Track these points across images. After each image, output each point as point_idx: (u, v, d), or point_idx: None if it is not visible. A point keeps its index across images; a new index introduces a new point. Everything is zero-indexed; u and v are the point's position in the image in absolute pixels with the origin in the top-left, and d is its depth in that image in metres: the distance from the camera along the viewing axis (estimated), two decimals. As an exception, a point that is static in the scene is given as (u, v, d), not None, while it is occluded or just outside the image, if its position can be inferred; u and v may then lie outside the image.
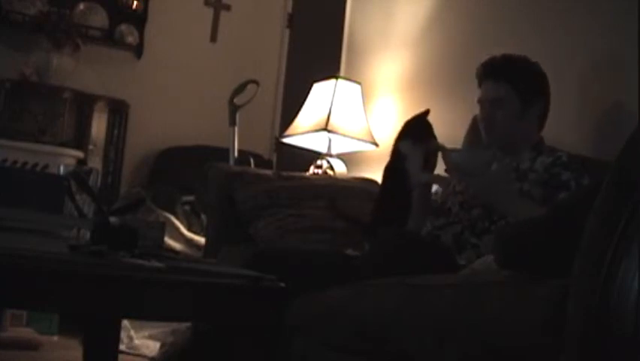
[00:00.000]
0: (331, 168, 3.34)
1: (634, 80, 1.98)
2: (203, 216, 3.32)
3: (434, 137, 2.14)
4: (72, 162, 3.80)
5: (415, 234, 2.06)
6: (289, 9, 4.87)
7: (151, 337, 2.99)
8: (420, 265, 1.75)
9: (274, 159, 4.65)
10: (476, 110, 2.37)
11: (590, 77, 2.46)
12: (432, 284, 1.54)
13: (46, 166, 2.45)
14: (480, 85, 2.17)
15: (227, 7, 4.79)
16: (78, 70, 4.14)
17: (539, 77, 2.13)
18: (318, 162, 3.38)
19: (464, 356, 1.32)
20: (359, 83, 3.45)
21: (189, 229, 3.43)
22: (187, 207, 3.53)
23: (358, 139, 3.32)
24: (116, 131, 4.22)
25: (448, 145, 2.04)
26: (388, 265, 1.77)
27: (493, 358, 1.27)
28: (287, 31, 4.87)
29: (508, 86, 2.08)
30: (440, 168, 2.07)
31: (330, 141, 3.41)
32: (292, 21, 4.86)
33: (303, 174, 3.19)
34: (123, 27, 4.45)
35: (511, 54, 2.14)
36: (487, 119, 2.12)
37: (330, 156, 3.40)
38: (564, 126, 2.41)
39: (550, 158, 2.02)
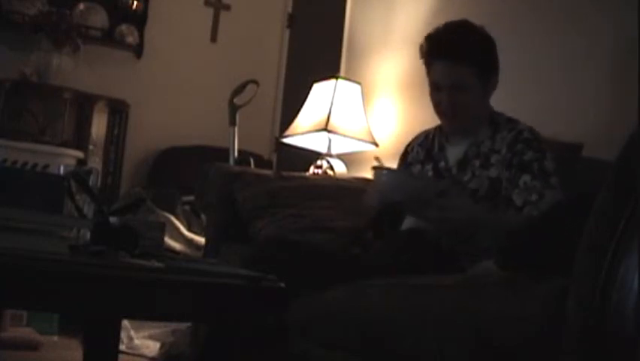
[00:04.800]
0: (331, 168, 3.34)
1: (634, 80, 1.99)
2: (203, 216, 3.32)
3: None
4: (72, 162, 3.79)
5: (419, 234, 2.04)
6: (289, 9, 4.87)
7: (151, 337, 2.99)
8: (424, 266, 1.75)
9: (274, 159, 4.65)
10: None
11: (591, 77, 2.46)
12: (432, 284, 1.54)
13: (46, 166, 2.45)
14: (429, 64, 2.00)
15: (227, 7, 4.79)
16: (78, 70, 4.13)
17: (493, 49, 1.99)
18: (318, 162, 3.38)
19: (464, 355, 1.32)
20: (359, 83, 3.45)
21: (189, 229, 3.43)
22: (187, 207, 3.53)
23: (358, 139, 3.32)
24: (116, 131, 4.22)
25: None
26: (393, 265, 1.77)
27: (493, 358, 1.27)
28: (287, 31, 4.87)
29: (469, 68, 1.93)
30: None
31: (330, 141, 3.41)
32: (292, 21, 4.85)
33: (303, 174, 3.19)
34: (123, 27, 4.45)
35: (456, 24, 1.99)
36: (449, 105, 1.98)
37: (330, 156, 3.40)
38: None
39: (512, 133, 1.94)
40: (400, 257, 1.86)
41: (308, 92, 3.49)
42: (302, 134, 3.41)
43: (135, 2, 4.48)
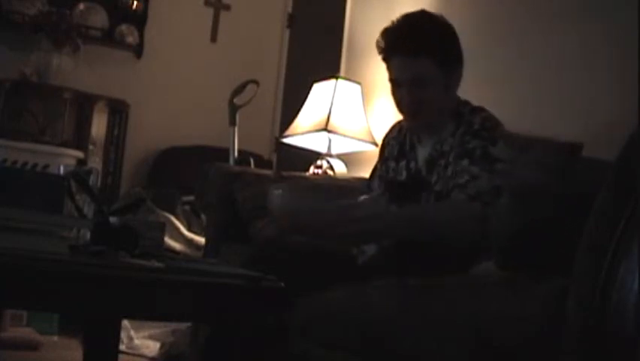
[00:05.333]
0: (331, 168, 3.34)
1: (634, 80, 1.99)
2: (203, 216, 3.33)
3: None
4: (72, 162, 3.79)
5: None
6: (289, 9, 4.87)
7: (151, 337, 2.99)
8: (425, 268, 1.74)
9: (274, 159, 4.65)
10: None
11: (591, 77, 2.46)
12: (432, 284, 1.54)
13: (46, 166, 2.46)
14: (388, 59, 1.90)
15: (227, 7, 4.79)
16: (78, 70, 4.13)
17: (454, 39, 1.90)
18: (318, 162, 3.38)
19: (464, 355, 1.32)
20: (359, 83, 3.45)
21: (189, 229, 3.43)
22: (187, 207, 3.53)
23: (358, 139, 3.32)
24: (116, 131, 4.22)
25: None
26: (395, 266, 1.77)
27: (493, 358, 1.27)
28: (287, 31, 4.87)
29: (428, 61, 1.82)
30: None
31: (330, 141, 3.41)
32: (292, 21, 4.85)
33: (303, 173, 3.19)
34: (123, 27, 4.45)
35: (413, 16, 1.88)
36: (410, 102, 1.87)
37: (330, 156, 3.40)
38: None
39: (464, 127, 1.85)
40: (397, 257, 1.86)
41: (308, 92, 3.49)
42: (302, 134, 3.41)
43: (135, 2, 4.48)
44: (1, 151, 3.60)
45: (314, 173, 3.33)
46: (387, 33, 1.89)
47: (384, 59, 1.92)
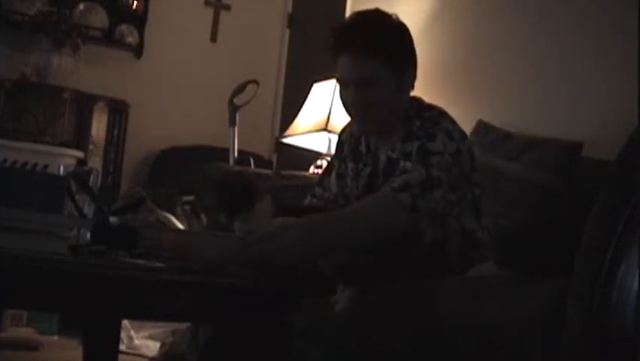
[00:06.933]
0: (331, 168, 3.33)
1: (634, 80, 1.99)
2: (203, 216, 3.32)
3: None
4: (72, 162, 3.78)
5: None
6: (289, 9, 4.87)
7: (151, 337, 2.99)
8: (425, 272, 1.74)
9: (274, 159, 4.65)
10: (477, 109, 2.37)
11: (592, 77, 2.46)
12: (432, 285, 1.54)
13: (46, 166, 2.45)
14: (336, 58, 1.81)
15: (227, 7, 4.79)
16: (78, 70, 4.13)
17: (405, 38, 1.80)
18: (318, 162, 3.38)
19: (464, 355, 1.32)
20: (359, 83, 3.44)
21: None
22: (187, 207, 3.53)
23: (358, 139, 3.32)
24: (116, 131, 4.22)
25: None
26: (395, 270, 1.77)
27: (493, 358, 1.27)
28: (287, 31, 4.87)
29: (376, 61, 1.73)
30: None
31: (330, 141, 3.40)
32: (292, 21, 4.85)
33: (303, 172, 3.19)
34: (123, 27, 4.45)
35: (364, 14, 1.80)
36: (357, 103, 1.77)
37: (330, 156, 3.40)
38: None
39: (406, 132, 1.76)
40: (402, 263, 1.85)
41: (308, 92, 3.49)
42: (302, 134, 3.41)
43: (135, 2, 4.48)
44: (1, 151, 3.60)
45: (314, 173, 3.33)
46: (335, 31, 1.82)
47: (332, 58, 1.83)
